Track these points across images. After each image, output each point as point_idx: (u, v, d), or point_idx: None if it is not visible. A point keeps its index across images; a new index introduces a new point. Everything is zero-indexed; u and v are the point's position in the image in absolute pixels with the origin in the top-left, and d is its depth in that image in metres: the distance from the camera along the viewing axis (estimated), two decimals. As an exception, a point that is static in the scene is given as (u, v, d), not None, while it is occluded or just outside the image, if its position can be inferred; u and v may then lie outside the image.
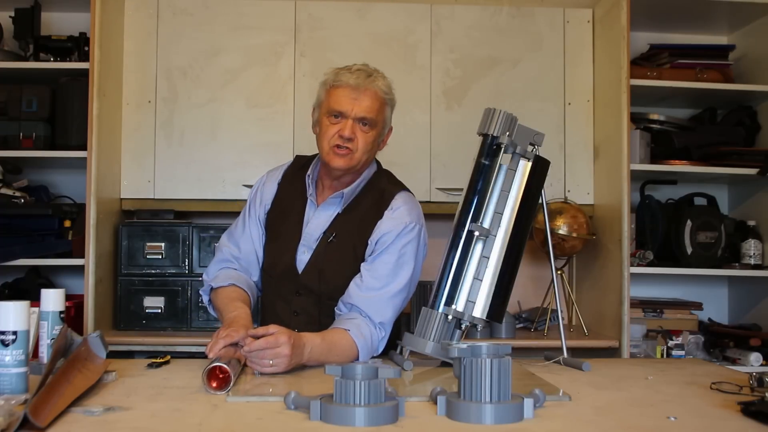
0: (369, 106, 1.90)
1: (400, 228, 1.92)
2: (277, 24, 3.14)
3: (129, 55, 3.11)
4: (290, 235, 2.00)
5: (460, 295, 1.78)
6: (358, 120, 1.90)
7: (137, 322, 2.94)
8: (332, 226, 1.96)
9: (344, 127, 1.89)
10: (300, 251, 1.97)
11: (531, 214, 1.87)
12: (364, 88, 1.89)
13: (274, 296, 2.03)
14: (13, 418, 1.16)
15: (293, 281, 1.97)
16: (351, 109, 1.89)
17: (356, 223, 1.96)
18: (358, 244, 1.94)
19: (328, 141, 1.91)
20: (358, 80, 1.89)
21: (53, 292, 1.70)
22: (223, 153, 3.11)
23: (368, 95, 1.89)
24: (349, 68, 1.92)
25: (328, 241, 1.95)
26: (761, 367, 2.89)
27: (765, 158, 3.09)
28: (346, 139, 1.88)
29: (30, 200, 2.98)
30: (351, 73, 1.90)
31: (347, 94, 1.89)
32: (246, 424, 1.25)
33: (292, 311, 1.98)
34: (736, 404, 1.36)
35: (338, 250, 1.95)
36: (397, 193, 1.99)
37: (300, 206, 2.02)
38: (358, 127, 1.90)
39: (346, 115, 1.89)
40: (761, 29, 3.24)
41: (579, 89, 3.23)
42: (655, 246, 3.09)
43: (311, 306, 1.97)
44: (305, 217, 2.00)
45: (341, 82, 1.90)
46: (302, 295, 1.97)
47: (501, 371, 1.27)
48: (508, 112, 1.85)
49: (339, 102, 1.89)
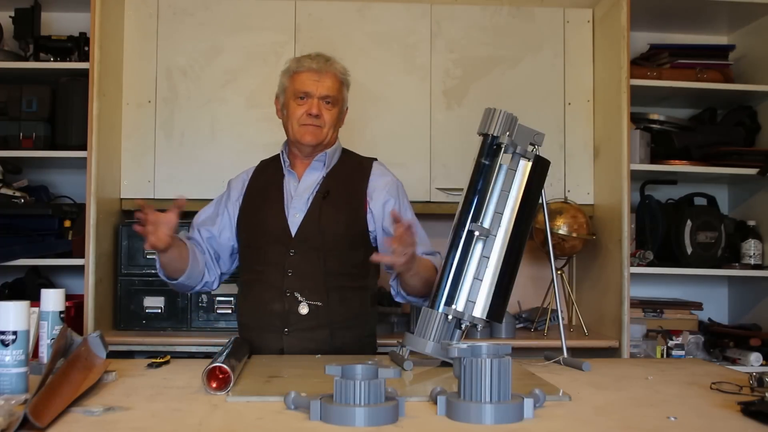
0: (331, 86, 2.11)
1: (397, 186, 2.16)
2: (277, 24, 3.14)
3: (129, 55, 3.11)
4: (274, 204, 2.12)
5: (460, 295, 1.79)
6: (322, 98, 2.10)
7: (137, 322, 2.94)
8: (323, 185, 2.12)
9: (311, 105, 2.09)
10: (291, 214, 2.10)
11: (531, 214, 1.87)
12: (325, 70, 2.11)
13: (263, 266, 2.09)
14: (13, 418, 1.16)
15: (285, 243, 2.07)
16: (315, 89, 2.09)
17: (345, 181, 2.14)
18: (353, 197, 2.12)
19: (297, 120, 2.11)
20: (319, 64, 2.11)
21: (53, 292, 1.70)
22: (223, 153, 3.11)
23: (329, 76, 2.11)
24: (309, 55, 2.15)
25: (323, 198, 2.09)
26: (761, 367, 2.89)
27: (765, 158, 3.09)
28: (314, 116, 2.09)
29: (30, 200, 2.98)
30: (311, 59, 2.12)
31: (310, 77, 2.10)
32: (246, 424, 1.25)
33: (285, 272, 2.05)
34: (736, 404, 1.36)
35: (333, 205, 2.09)
36: (373, 161, 2.22)
37: (278, 182, 2.16)
38: (323, 105, 2.10)
39: (312, 95, 2.09)
40: (761, 29, 3.24)
41: (579, 89, 3.23)
42: (655, 246, 3.09)
43: (306, 263, 2.05)
44: (285, 188, 2.14)
45: (304, 67, 2.11)
46: (296, 253, 2.06)
47: (501, 371, 1.27)
48: (508, 112, 1.85)
49: (304, 84, 2.10)
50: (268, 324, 2.04)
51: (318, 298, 2.03)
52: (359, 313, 2.09)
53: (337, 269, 2.07)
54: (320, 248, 2.05)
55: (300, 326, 2.02)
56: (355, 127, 3.07)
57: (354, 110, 3.12)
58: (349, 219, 2.10)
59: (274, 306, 2.04)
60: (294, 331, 2.02)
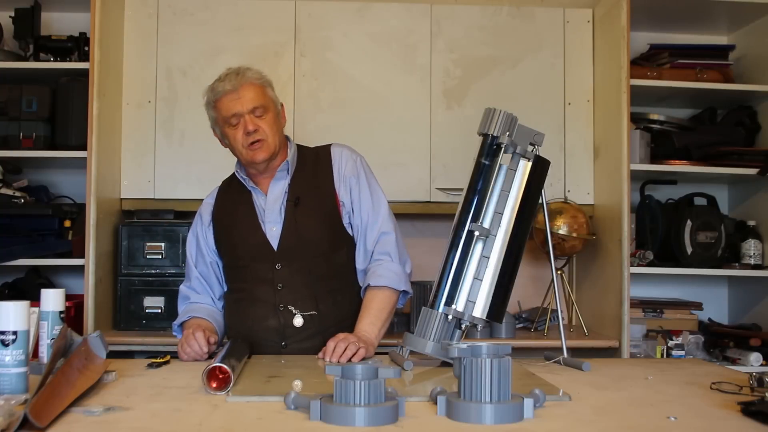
0: (253, 96, 2.04)
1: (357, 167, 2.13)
2: (277, 24, 3.14)
3: (129, 55, 3.11)
4: (248, 220, 2.10)
5: (460, 295, 1.79)
6: (251, 112, 2.04)
7: (137, 322, 2.94)
8: (291, 193, 2.09)
9: (245, 123, 2.03)
10: (267, 228, 2.07)
11: (531, 214, 1.87)
12: (240, 85, 2.03)
13: (251, 283, 2.08)
14: (13, 418, 1.16)
15: (269, 258, 2.05)
16: (241, 106, 2.03)
17: (310, 182, 2.11)
18: (324, 197, 2.09)
19: (241, 143, 2.05)
20: (232, 83, 2.04)
21: (53, 292, 1.70)
22: (223, 153, 3.08)
23: (246, 89, 2.04)
24: (220, 78, 2.08)
25: (295, 205, 2.06)
26: (761, 367, 2.89)
27: (765, 158, 3.08)
28: (253, 132, 2.03)
29: (30, 200, 2.98)
30: (223, 81, 2.05)
31: (230, 98, 2.04)
32: (246, 424, 1.25)
33: (275, 287, 2.04)
34: (736, 404, 1.36)
35: (307, 210, 2.07)
36: (329, 147, 2.17)
37: (246, 200, 2.13)
38: (254, 118, 2.04)
39: (240, 113, 2.04)
40: (761, 29, 3.24)
41: (579, 89, 3.23)
42: (655, 246, 3.09)
43: (293, 274, 2.04)
44: (255, 204, 2.11)
45: (220, 93, 2.05)
46: (283, 266, 2.04)
47: (501, 371, 1.27)
48: (508, 112, 1.86)
49: (228, 108, 2.04)
50: (265, 339, 2.03)
51: (311, 308, 2.03)
52: (351, 312, 2.08)
53: (325, 274, 2.07)
54: (305, 257, 2.05)
55: (297, 338, 2.02)
56: (355, 127, 3.08)
57: (354, 110, 3.15)
58: (326, 221, 2.09)
59: (269, 322, 2.04)
60: (291, 344, 2.02)
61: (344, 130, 2.93)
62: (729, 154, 3.12)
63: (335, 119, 3.11)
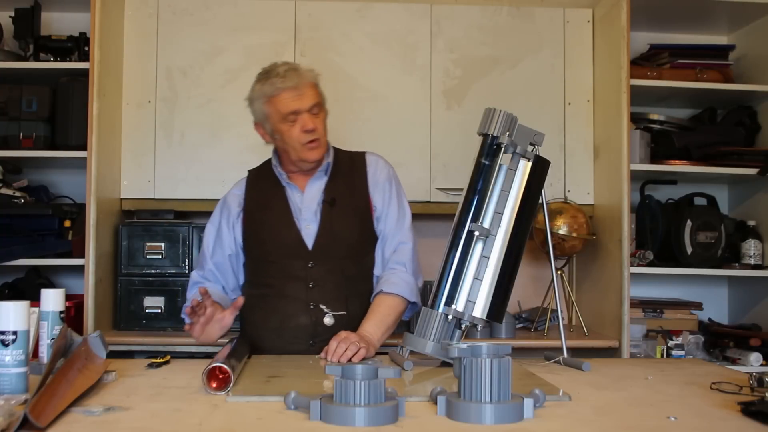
0: (312, 94, 2.05)
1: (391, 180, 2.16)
2: (277, 24, 3.14)
3: (129, 55, 3.11)
4: (282, 216, 2.09)
5: (460, 295, 1.79)
6: (309, 110, 2.04)
7: (137, 322, 2.94)
8: (327, 193, 2.10)
9: (304, 122, 2.03)
10: (303, 226, 2.08)
11: (531, 214, 1.87)
12: (302, 82, 2.04)
13: (281, 279, 2.07)
14: (13, 418, 1.16)
15: (302, 256, 2.05)
16: (300, 105, 2.03)
17: (346, 185, 2.13)
18: (358, 201, 2.12)
19: (298, 140, 2.05)
20: (293, 80, 2.03)
21: (53, 292, 1.70)
22: (223, 153, 3.11)
23: (307, 86, 2.04)
24: (277, 74, 2.05)
25: (331, 206, 2.07)
26: (761, 367, 2.89)
27: (765, 158, 3.08)
28: (311, 131, 2.03)
29: (30, 200, 2.98)
30: (283, 77, 2.03)
31: (290, 95, 2.02)
32: (246, 424, 1.25)
33: (307, 285, 2.04)
34: (736, 404, 1.36)
35: (342, 212, 2.09)
36: (364, 154, 2.21)
37: (279, 195, 2.12)
38: (313, 116, 2.05)
39: (300, 111, 2.03)
40: (761, 29, 3.24)
41: (579, 89, 3.23)
42: (655, 246, 3.09)
43: (326, 274, 2.05)
44: (290, 200, 2.11)
45: (280, 89, 2.03)
46: (315, 265, 2.05)
47: (501, 371, 1.27)
48: (508, 112, 1.86)
49: (287, 105, 2.03)
50: (293, 337, 2.03)
51: (341, 308, 2.04)
52: None
53: (356, 276, 2.09)
54: (338, 258, 2.06)
55: (325, 336, 1.99)
56: (354, 127, 3.08)
57: (354, 110, 3.14)
58: (360, 224, 2.11)
59: (299, 320, 2.03)
60: (319, 342, 2.00)
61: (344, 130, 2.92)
62: (729, 154, 3.11)
63: (335, 119, 3.07)
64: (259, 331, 2.09)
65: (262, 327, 2.08)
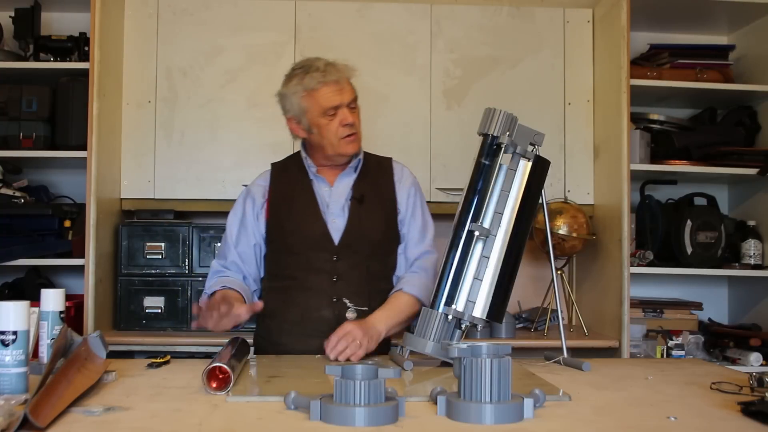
0: (350, 89, 2.08)
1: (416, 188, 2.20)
2: (277, 24, 3.14)
3: (129, 55, 3.11)
4: (309, 209, 2.09)
5: (460, 295, 1.79)
6: (348, 104, 2.06)
7: (137, 322, 2.94)
8: (355, 190, 2.11)
9: (344, 116, 2.05)
10: (329, 220, 2.08)
11: (531, 214, 1.87)
12: (342, 77, 2.06)
13: (305, 272, 2.06)
14: (13, 418, 1.16)
15: (328, 249, 2.06)
16: (341, 99, 2.04)
17: (373, 184, 2.14)
18: (385, 201, 2.13)
19: (336, 134, 2.05)
20: (334, 75, 2.04)
21: (53, 292, 1.70)
22: (223, 153, 3.11)
23: (346, 81, 2.07)
24: (316, 69, 2.05)
25: (360, 203, 2.09)
26: (761, 367, 2.89)
27: (765, 158, 3.08)
28: (351, 125, 2.05)
29: (30, 200, 2.98)
30: (323, 72, 2.04)
31: (333, 90, 2.04)
32: (246, 424, 1.25)
33: (331, 278, 2.04)
34: (736, 404, 1.36)
35: (370, 209, 2.10)
36: (390, 159, 2.24)
37: (305, 187, 2.12)
38: (351, 111, 2.07)
39: (340, 105, 2.04)
40: (761, 29, 3.24)
41: (579, 89, 3.23)
42: (655, 246, 3.09)
43: (351, 269, 2.06)
44: (317, 194, 2.11)
45: (321, 83, 2.04)
46: (341, 259, 2.05)
47: (501, 371, 1.27)
48: (508, 112, 1.86)
49: (329, 99, 2.04)
50: (313, 330, 2.02)
51: (364, 303, 2.04)
52: None
53: (379, 273, 2.10)
54: (363, 254, 2.06)
55: None
56: (355, 127, 3.08)
57: (354, 110, 3.14)
58: (386, 223, 2.12)
59: (322, 312, 2.03)
60: None
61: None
62: (729, 154, 3.12)
63: (335, 119, 3.11)
64: (279, 323, 2.08)
65: (282, 319, 2.07)
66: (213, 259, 2.95)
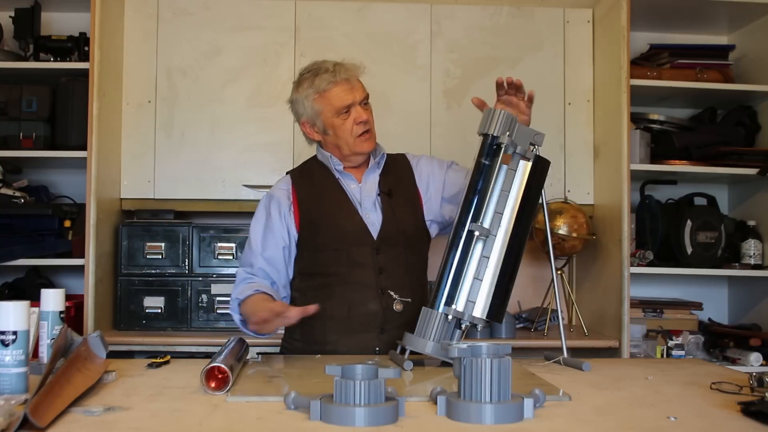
0: (362, 87, 2.09)
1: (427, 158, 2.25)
2: (277, 24, 3.14)
3: (129, 55, 3.11)
4: (343, 206, 2.10)
5: (460, 295, 1.78)
6: (360, 102, 2.07)
7: (137, 322, 2.94)
8: (382, 185, 2.13)
9: (358, 114, 2.06)
10: (363, 214, 2.09)
11: (531, 214, 1.87)
12: (353, 75, 2.07)
13: (348, 267, 2.05)
14: (13, 418, 1.16)
15: (369, 243, 2.06)
16: (353, 98, 2.06)
17: (397, 178, 2.17)
18: (410, 192, 2.16)
19: (351, 133, 2.07)
20: (344, 74, 2.06)
21: (53, 292, 1.70)
22: (223, 153, 3.11)
23: (356, 80, 2.08)
24: (325, 70, 2.06)
25: (389, 197, 2.11)
26: (761, 367, 2.89)
27: (765, 158, 3.08)
28: (365, 122, 2.07)
29: (30, 200, 2.98)
30: (333, 72, 2.06)
31: (345, 89, 2.05)
32: (246, 424, 1.25)
33: (376, 271, 2.04)
34: (736, 404, 1.36)
35: (399, 202, 2.12)
36: (404, 156, 2.26)
37: (333, 185, 2.13)
38: (364, 108, 2.08)
39: (353, 104, 2.06)
40: (761, 29, 3.24)
41: (579, 89, 3.23)
42: (655, 246, 3.09)
43: (391, 261, 2.06)
44: (347, 191, 2.12)
45: (332, 83, 2.05)
46: (382, 252, 2.06)
47: (501, 371, 1.27)
48: (508, 112, 1.86)
49: (342, 99, 2.05)
50: (361, 325, 2.01)
51: (407, 295, 2.04)
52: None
53: (415, 265, 2.12)
54: (400, 246, 2.07)
55: (394, 324, 2.00)
56: (355, 127, 3.08)
57: (354, 110, 3.14)
58: (414, 215, 2.14)
59: (369, 306, 2.02)
60: (390, 329, 2.00)
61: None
62: (729, 154, 3.12)
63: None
64: (323, 321, 2.02)
65: (327, 317, 2.01)
66: (213, 258, 2.99)
